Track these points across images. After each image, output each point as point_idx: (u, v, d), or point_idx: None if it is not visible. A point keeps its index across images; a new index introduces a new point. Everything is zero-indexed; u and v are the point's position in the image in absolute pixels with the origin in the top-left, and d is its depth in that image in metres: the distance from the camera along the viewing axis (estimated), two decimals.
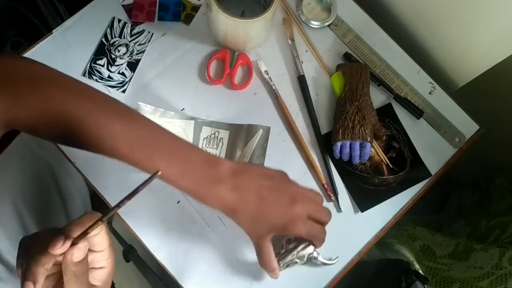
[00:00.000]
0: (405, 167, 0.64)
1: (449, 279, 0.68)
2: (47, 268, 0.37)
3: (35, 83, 0.42)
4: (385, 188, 0.63)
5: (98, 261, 0.42)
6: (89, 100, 0.44)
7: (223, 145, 0.61)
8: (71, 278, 0.37)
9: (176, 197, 0.61)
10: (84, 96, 0.44)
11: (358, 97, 0.62)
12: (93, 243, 0.40)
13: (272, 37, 0.67)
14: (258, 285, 0.59)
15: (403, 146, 0.65)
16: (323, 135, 0.64)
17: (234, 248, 0.60)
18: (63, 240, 0.36)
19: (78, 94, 0.44)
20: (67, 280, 0.37)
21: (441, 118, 0.66)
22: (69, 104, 0.42)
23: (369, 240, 0.62)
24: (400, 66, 0.67)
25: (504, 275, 0.63)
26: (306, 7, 0.67)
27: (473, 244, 0.72)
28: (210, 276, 0.59)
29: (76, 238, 0.37)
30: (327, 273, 0.60)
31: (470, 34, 0.63)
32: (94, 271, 0.42)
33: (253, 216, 0.47)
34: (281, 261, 0.56)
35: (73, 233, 0.37)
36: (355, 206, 0.63)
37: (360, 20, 0.69)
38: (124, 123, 0.44)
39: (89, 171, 0.60)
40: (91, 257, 0.41)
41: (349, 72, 0.63)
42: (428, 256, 0.74)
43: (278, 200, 0.47)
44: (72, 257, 0.37)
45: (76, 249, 0.37)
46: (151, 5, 0.66)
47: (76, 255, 0.37)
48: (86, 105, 0.43)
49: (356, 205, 0.62)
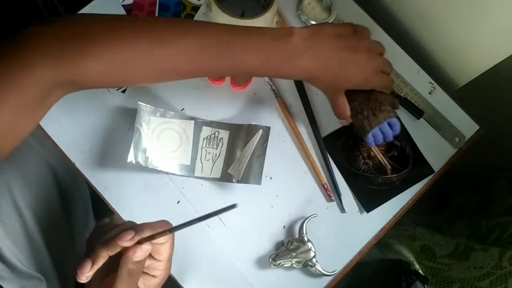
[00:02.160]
0: (407, 165, 0.64)
1: (449, 279, 0.68)
2: (110, 254, 0.39)
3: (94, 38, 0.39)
4: (389, 187, 0.63)
5: (153, 268, 0.44)
6: (148, 37, 0.42)
7: (223, 145, 0.61)
8: (124, 275, 0.39)
9: (176, 197, 0.61)
10: (142, 35, 0.41)
11: None
12: (156, 250, 0.43)
13: None
14: (258, 285, 0.59)
15: (404, 144, 0.65)
16: (325, 136, 0.64)
17: (234, 248, 0.60)
18: (132, 235, 0.38)
19: (136, 34, 0.41)
20: (120, 276, 0.39)
21: (441, 118, 0.66)
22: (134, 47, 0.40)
23: (369, 240, 0.62)
24: (400, 66, 0.67)
25: (504, 275, 0.64)
26: (306, 7, 0.67)
27: (473, 244, 0.72)
28: (210, 276, 0.59)
29: (143, 239, 0.39)
30: None
31: (470, 34, 0.63)
32: (145, 277, 0.44)
33: (334, 78, 0.49)
34: (279, 259, 0.57)
35: (143, 233, 0.39)
36: (358, 206, 0.63)
37: (360, 20, 0.69)
38: (190, 40, 0.43)
39: (88, 171, 0.60)
40: (149, 263, 0.43)
41: None
42: (428, 256, 0.74)
43: (356, 60, 0.49)
44: (134, 255, 0.39)
45: (139, 248, 0.39)
46: (151, 5, 0.66)
47: (138, 254, 0.39)
48: (146, 42, 0.41)
49: (361, 205, 0.62)
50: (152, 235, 0.39)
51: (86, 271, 0.39)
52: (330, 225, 0.62)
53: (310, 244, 0.58)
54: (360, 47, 0.49)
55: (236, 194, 0.61)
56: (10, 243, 0.54)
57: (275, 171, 0.62)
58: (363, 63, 0.49)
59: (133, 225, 0.42)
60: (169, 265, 0.45)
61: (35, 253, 0.57)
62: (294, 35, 0.46)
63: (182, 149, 0.60)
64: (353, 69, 0.49)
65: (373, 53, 0.50)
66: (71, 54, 0.37)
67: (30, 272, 0.56)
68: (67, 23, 0.39)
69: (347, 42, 0.49)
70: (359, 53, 0.49)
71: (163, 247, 0.43)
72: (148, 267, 0.43)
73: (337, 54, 0.47)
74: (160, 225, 0.41)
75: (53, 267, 0.60)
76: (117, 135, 0.61)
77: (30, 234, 0.57)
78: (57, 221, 0.63)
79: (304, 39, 0.46)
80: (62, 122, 0.61)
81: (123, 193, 0.60)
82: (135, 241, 0.39)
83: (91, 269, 0.39)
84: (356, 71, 0.49)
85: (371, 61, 0.50)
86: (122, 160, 0.57)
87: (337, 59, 0.48)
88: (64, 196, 0.65)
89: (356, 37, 0.50)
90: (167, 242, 0.43)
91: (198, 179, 0.61)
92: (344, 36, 0.49)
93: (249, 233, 0.61)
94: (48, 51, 0.36)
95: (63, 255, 0.63)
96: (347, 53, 0.48)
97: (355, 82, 0.50)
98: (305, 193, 0.62)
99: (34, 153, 0.60)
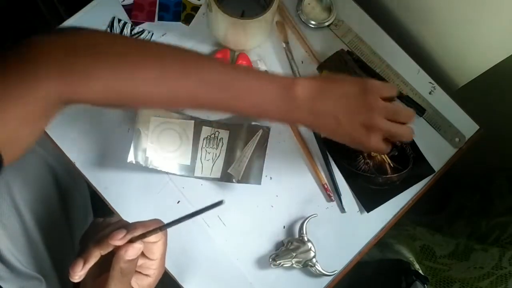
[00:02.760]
0: (408, 165, 0.64)
1: (449, 279, 0.68)
2: (102, 253, 0.39)
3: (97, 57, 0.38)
4: (389, 187, 0.63)
5: (146, 268, 0.44)
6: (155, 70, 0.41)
7: (223, 145, 0.61)
8: (117, 274, 0.39)
9: (176, 197, 0.61)
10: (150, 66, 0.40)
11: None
12: (149, 249, 0.42)
13: (272, 37, 0.67)
14: (258, 285, 0.59)
15: (404, 144, 0.65)
16: (325, 136, 0.64)
17: (234, 248, 0.60)
18: (123, 234, 0.38)
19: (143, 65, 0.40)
20: (112, 275, 0.39)
21: (441, 118, 0.66)
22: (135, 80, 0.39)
23: (369, 240, 0.62)
24: (400, 66, 0.67)
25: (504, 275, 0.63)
26: (306, 7, 0.67)
27: (473, 244, 0.72)
28: (210, 276, 0.59)
29: (135, 238, 0.39)
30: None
31: (470, 34, 0.63)
32: (139, 276, 0.44)
33: (330, 134, 0.48)
34: (279, 259, 0.57)
35: (135, 232, 0.39)
36: (358, 206, 0.62)
37: (360, 20, 0.69)
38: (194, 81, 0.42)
39: (88, 171, 0.60)
40: (142, 262, 0.43)
41: (334, 66, 0.63)
42: (428, 256, 0.74)
43: (355, 125, 0.47)
44: (126, 254, 0.38)
45: (131, 246, 0.38)
46: (151, 5, 0.66)
47: (130, 252, 0.39)
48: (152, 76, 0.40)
49: (362, 205, 0.62)
50: (143, 234, 0.39)
51: (78, 270, 0.39)
52: (330, 225, 0.62)
53: (310, 244, 0.58)
54: (359, 111, 0.46)
55: (236, 194, 0.61)
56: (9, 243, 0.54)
57: (275, 171, 0.62)
58: (359, 131, 0.47)
59: (125, 223, 0.42)
60: (162, 264, 0.45)
61: (35, 253, 0.57)
62: (297, 89, 0.45)
63: (182, 149, 0.60)
64: (348, 135, 0.47)
65: (378, 119, 0.47)
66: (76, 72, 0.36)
67: (30, 272, 0.56)
68: (76, 36, 0.38)
69: (350, 105, 0.46)
70: (356, 117, 0.46)
71: (156, 246, 0.42)
72: (141, 266, 0.43)
73: (334, 115, 0.46)
74: (152, 224, 0.41)
75: (52, 267, 0.60)
76: (117, 135, 0.61)
77: (29, 234, 0.57)
78: (56, 221, 0.63)
79: (306, 97, 0.45)
80: (62, 122, 0.61)
81: (123, 193, 0.60)
82: (126, 239, 0.38)
83: (83, 268, 0.39)
84: (351, 138, 0.47)
85: (371, 129, 0.47)
86: (122, 160, 0.57)
87: (333, 119, 0.46)
88: (64, 196, 0.64)
89: (363, 98, 0.47)
90: (160, 240, 0.42)
91: (198, 179, 0.61)
92: (349, 96, 0.47)
93: (249, 233, 0.61)
94: (55, 64, 0.35)
95: (63, 255, 0.63)
96: (344, 115, 0.46)
97: (351, 143, 0.48)
98: (305, 193, 0.62)
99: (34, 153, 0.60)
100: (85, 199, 0.73)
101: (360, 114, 0.46)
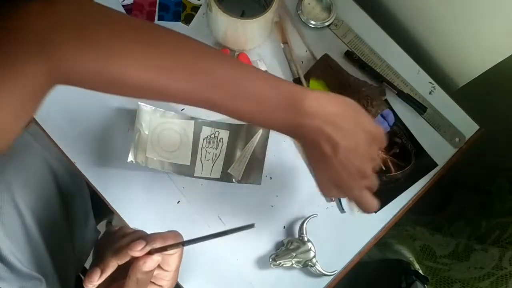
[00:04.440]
0: (410, 161, 0.64)
1: (449, 279, 0.68)
2: (119, 263, 0.40)
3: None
4: (394, 185, 0.63)
5: (160, 278, 0.44)
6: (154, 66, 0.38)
7: (223, 145, 0.61)
8: (133, 284, 0.39)
9: (176, 197, 0.61)
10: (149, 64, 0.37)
11: (347, 85, 0.61)
12: (165, 260, 0.43)
13: (272, 37, 0.67)
14: (258, 285, 0.59)
15: (405, 140, 0.65)
16: None
17: (234, 248, 0.60)
18: (143, 245, 0.39)
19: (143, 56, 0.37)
20: (128, 285, 0.39)
21: (441, 118, 0.66)
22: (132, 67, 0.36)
23: (369, 240, 0.62)
24: (400, 66, 0.67)
25: (505, 276, 0.63)
26: (306, 7, 0.67)
27: (473, 244, 0.72)
28: (210, 276, 0.59)
29: (154, 250, 0.40)
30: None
31: (470, 34, 0.63)
32: (152, 286, 0.44)
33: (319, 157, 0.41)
34: (279, 259, 0.57)
35: (154, 244, 0.40)
36: None
37: (360, 20, 0.69)
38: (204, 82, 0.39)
39: (89, 171, 0.60)
40: (157, 272, 0.43)
41: (320, 72, 0.63)
42: (428, 256, 0.74)
43: (350, 162, 0.41)
44: (144, 265, 0.39)
45: (150, 258, 0.39)
46: (151, 5, 0.66)
47: (148, 264, 0.39)
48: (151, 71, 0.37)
49: None
50: (164, 247, 0.40)
51: (95, 280, 0.39)
52: (330, 225, 0.62)
53: (310, 244, 0.58)
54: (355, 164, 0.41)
55: (236, 194, 0.61)
56: (9, 243, 0.54)
57: (275, 171, 0.62)
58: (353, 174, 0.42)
59: (143, 234, 0.42)
60: (176, 275, 0.45)
61: (35, 253, 0.57)
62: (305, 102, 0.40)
63: (182, 149, 0.60)
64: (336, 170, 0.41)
65: (372, 173, 0.43)
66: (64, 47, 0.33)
67: (30, 272, 0.56)
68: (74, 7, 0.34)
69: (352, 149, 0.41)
70: (351, 165, 0.41)
71: (172, 258, 0.43)
72: (156, 276, 0.44)
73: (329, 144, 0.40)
74: (170, 235, 0.42)
75: (52, 267, 0.60)
76: (117, 135, 0.61)
77: (29, 234, 0.57)
78: (57, 221, 0.63)
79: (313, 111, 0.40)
80: (62, 122, 0.61)
81: (123, 193, 0.60)
82: (146, 251, 0.39)
83: (100, 278, 0.39)
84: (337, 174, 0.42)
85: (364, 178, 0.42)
86: (122, 160, 0.57)
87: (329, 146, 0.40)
88: (64, 196, 0.64)
89: (367, 146, 0.42)
90: (176, 253, 0.43)
91: (198, 179, 0.61)
92: (357, 145, 0.41)
93: (249, 233, 0.60)
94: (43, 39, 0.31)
95: (63, 255, 0.63)
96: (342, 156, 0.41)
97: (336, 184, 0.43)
98: (305, 193, 0.62)
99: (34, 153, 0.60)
100: (85, 199, 0.73)
101: (362, 158, 0.41)
